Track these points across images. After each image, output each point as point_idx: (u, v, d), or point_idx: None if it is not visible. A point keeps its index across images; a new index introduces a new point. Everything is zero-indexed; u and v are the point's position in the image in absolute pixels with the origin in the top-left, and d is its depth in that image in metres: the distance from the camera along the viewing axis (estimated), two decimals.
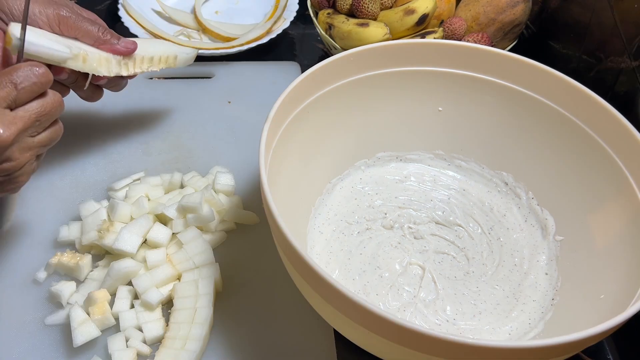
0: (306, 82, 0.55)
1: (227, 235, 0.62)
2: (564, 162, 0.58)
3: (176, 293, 0.55)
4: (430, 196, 0.65)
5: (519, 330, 0.54)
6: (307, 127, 0.58)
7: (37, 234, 0.61)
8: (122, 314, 0.54)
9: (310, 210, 0.62)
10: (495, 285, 0.58)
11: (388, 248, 0.60)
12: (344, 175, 0.65)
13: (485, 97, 0.61)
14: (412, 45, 0.59)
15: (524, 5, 0.73)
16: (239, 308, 0.57)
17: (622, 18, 0.62)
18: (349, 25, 0.72)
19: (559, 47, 0.77)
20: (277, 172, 0.53)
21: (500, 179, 0.65)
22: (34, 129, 0.49)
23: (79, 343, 0.51)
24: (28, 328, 0.54)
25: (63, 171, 0.67)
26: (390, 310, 0.55)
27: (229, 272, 0.59)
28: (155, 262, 0.57)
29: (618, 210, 0.52)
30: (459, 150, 0.66)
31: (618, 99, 0.61)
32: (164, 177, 0.66)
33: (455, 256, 0.60)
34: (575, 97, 0.55)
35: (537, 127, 0.59)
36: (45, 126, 0.51)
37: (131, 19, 0.85)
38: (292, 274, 0.48)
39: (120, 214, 0.59)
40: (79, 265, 0.56)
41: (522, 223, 0.62)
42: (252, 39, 0.84)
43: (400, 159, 0.67)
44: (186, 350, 0.51)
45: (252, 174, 0.69)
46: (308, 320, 0.56)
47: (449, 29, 0.71)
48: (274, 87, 0.79)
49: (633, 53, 0.60)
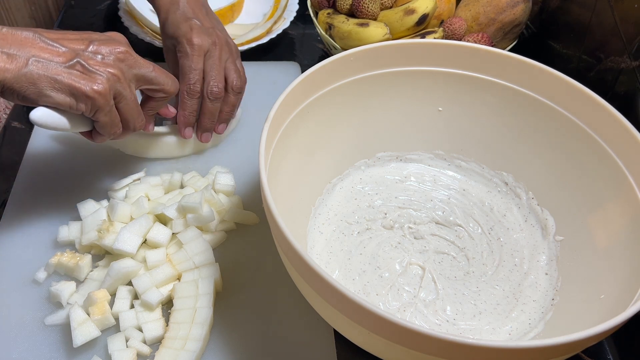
0: (306, 82, 0.55)
1: (227, 235, 0.62)
2: (564, 162, 0.58)
3: (176, 293, 0.55)
4: (430, 196, 0.65)
5: (519, 331, 0.54)
6: (307, 127, 0.58)
7: (37, 234, 0.61)
8: (122, 314, 0.54)
9: (310, 210, 0.62)
10: (495, 286, 0.58)
11: (388, 248, 0.60)
12: (344, 175, 0.65)
13: (485, 97, 0.61)
14: (412, 45, 0.59)
15: (524, 5, 0.73)
16: (239, 308, 0.57)
17: (622, 18, 0.62)
18: (349, 25, 0.72)
19: (559, 47, 0.77)
20: (277, 172, 0.53)
21: (501, 179, 0.65)
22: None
23: (79, 343, 0.51)
24: (28, 328, 0.54)
25: (63, 171, 0.67)
26: (390, 310, 0.55)
27: (229, 272, 0.59)
28: (155, 262, 0.57)
29: (618, 210, 0.52)
30: (459, 150, 0.66)
31: (618, 99, 0.61)
32: (163, 177, 0.66)
33: (455, 256, 0.60)
34: (575, 97, 0.55)
35: (537, 127, 0.59)
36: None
37: (131, 19, 0.85)
38: (292, 274, 0.48)
39: (120, 214, 0.59)
40: (78, 265, 0.56)
41: (522, 223, 0.62)
42: (252, 38, 0.84)
43: (400, 159, 0.67)
44: (186, 350, 0.51)
45: (252, 174, 0.69)
46: (308, 320, 0.56)
47: (449, 29, 0.71)
48: (274, 87, 0.79)
49: (633, 53, 0.60)
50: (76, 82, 0.49)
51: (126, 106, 0.54)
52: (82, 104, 0.50)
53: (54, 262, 0.57)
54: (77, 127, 0.54)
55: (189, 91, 0.64)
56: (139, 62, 0.55)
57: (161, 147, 0.68)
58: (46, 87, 0.48)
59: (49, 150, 0.69)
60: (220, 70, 0.65)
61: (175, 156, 0.69)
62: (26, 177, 0.66)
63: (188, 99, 0.64)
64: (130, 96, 0.54)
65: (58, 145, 0.70)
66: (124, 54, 0.53)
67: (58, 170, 0.67)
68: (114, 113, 0.53)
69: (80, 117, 0.53)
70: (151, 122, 0.63)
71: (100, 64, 0.51)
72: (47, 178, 0.66)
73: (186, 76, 0.63)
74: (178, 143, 0.68)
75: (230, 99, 0.66)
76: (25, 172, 0.67)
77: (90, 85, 0.50)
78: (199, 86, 0.64)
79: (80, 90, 0.49)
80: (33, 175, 0.66)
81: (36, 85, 0.48)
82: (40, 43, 0.49)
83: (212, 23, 0.67)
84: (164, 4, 0.66)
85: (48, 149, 0.69)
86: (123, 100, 0.53)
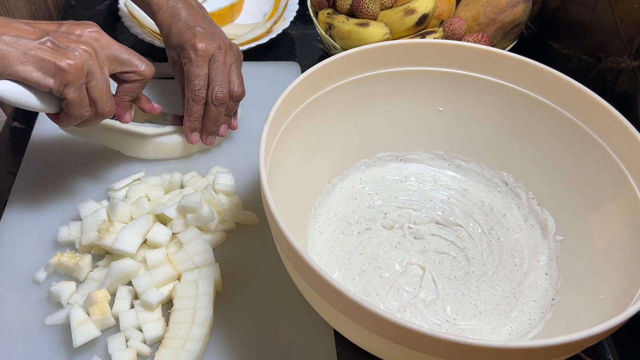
0: (306, 82, 0.55)
1: (227, 235, 0.62)
2: (564, 162, 0.58)
3: (176, 293, 0.55)
4: (430, 196, 0.65)
5: (519, 331, 0.54)
6: (307, 127, 0.58)
7: (37, 234, 0.61)
8: (122, 314, 0.54)
9: (310, 210, 0.62)
10: (495, 285, 0.58)
11: (388, 248, 0.60)
12: (344, 175, 0.65)
13: (486, 97, 0.61)
14: (412, 45, 0.59)
15: (524, 5, 0.73)
16: (239, 308, 0.57)
17: (622, 18, 0.62)
18: (349, 25, 0.72)
19: (559, 47, 0.77)
20: (277, 172, 0.53)
21: (501, 179, 0.65)
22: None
23: (79, 343, 0.51)
24: (28, 328, 0.54)
25: (63, 171, 0.67)
26: (390, 311, 0.55)
27: (229, 272, 0.59)
28: (155, 262, 0.57)
29: (618, 211, 0.52)
30: (459, 150, 0.66)
31: (618, 99, 0.61)
32: (163, 177, 0.66)
33: (455, 256, 0.60)
34: (575, 97, 0.55)
35: (537, 127, 0.59)
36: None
37: (131, 19, 0.85)
38: (292, 274, 0.48)
39: (120, 214, 0.59)
40: (78, 266, 0.56)
41: (522, 223, 0.62)
42: (252, 38, 0.84)
43: (400, 159, 0.67)
44: (186, 350, 0.51)
45: (252, 174, 0.69)
46: (308, 320, 0.56)
47: (449, 29, 0.71)
48: (274, 87, 0.79)
49: (633, 53, 0.60)
50: (47, 55, 0.49)
51: (96, 86, 0.53)
52: (51, 79, 0.50)
53: (54, 262, 0.57)
54: (43, 106, 0.53)
55: (194, 97, 0.63)
56: (112, 43, 0.55)
57: (164, 149, 0.68)
58: (14, 62, 0.48)
59: (49, 150, 0.69)
60: (225, 75, 0.64)
61: (177, 157, 0.69)
62: (26, 177, 0.66)
63: (194, 105, 0.64)
64: (102, 77, 0.53)
65: (58, 146, 0.70)
66: (97, 34, 0.53)
67: (58, 170, 0.67)
68: (83, 92, 0.52)
69: (48, 96, 0.52)
70: (127, 110, 0.61)
71: (72, 41, 0.51)
72: (47, 178, 0.66)
73: (191, 82, 0.63)
74: (181, 144, 0.68)
75: (229, 105, 0.66)
76: (26, 172, 0.67)
77: (63, 59, 0.49)
78: (204, 92, 0.63)
79: (51, 63, 0.49)
80: (33, 176, 0.66)
81: (5, 58, 0.48)
82: (12, 24, 0.49)
83: (214, 30, 0.67)
84: (165, 18, 0.66)
85: (48, 149, 0.69)
86: (93, 79, 0.53)
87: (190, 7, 0.67)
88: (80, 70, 0.51)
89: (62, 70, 0.49)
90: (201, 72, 0.63)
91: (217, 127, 0.67)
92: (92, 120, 0.56)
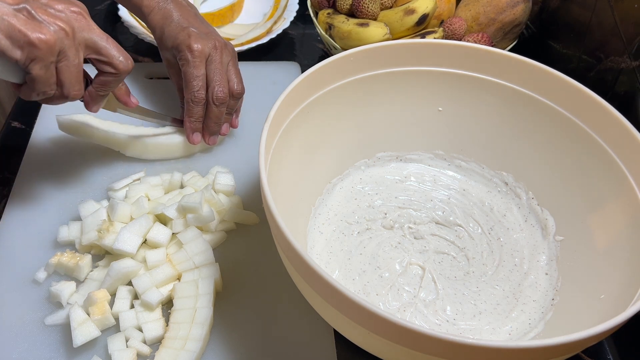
0: (306, 82, 0.55)
1: (227, 235, 0.62)
2: (564, 162, 0.58)
3: (176, 293, 0.55)
4: (430, 196, 0.65)
5: (519, 331, 0.54)
6: (307, 127, 0.58)
7: (37, 234, 0.61)
8: (122, 314, 0.54)
9: (310, 210, 0.62)
10: (495, 286, 0.58)
11: (388, 248, 0.60)
12: (344, 175, 0.65)
13: (485, 97, 0.61)
14: (412, 45, 0.59)
15: (524, 5, 0.73)
16: (239, 308, 0.57)
17: (622, 18, 0.62)
18: (349, 25, 0.72)
19: (559, 47, 0.77)
20: (277, 172, 0.53)
21: (501, 179, 0.65)
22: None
23: (79, 343, 0.51)
24: (28, 328, 0.54)
25: (63, 171, 0.67)
26: (390, 311, 0.55)
27: (229, 272, 0.59)
28: (155, 262, 0.57)
29: (618, 211, 0.52)
30: (459, 150, 0.66)
31: (618, 99, 0.61)
32: (163, 177, 0.66)
33: (455, 256, 0.60)
34: (575, 97, 0.55)
35: (537, 127, 0.59)
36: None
37: (131, 19, 0.85)
38: (292, 274, 0.48)
39: (120, 214, 0.59)
40: (78, 266, 0.56)
41: (522, 223, 0.62)
42: (252, 38, 0.84)
43: (400, 159, 0.67)
44: (186, 350, 0.51)
45: (252, 174, 0.69)
46: (308, 320, 0.56)
47: (449, 29, 0.71)
48: (274, 87, 0.79)
49: (633, 53, 0.60)
50: (19, 24, 0.46)
51: (66, 68, 0.50)
52: (18, 50, 0.47)
53: (54, 262, 0.57)
54: (5, 74, 0.50)
55: (194, 99, 0.63)
56: (93, 27, 0.52)
57: (165, 149, 0.68)
58: None
59: (49, 150, 0.69)
60: (224, 74, 0.64)
61: (178, 157, 0.69)
62: (26, 177, 0.66)
63: (194, 106, 0.64)
64: (74, 59, 0.51)
65: (58, 146, 0.70)
66: (79, 14, 0.51)
67: (58, 171, 0.67)
68: (51, 70, 0.50)
69: (14, 65, 0.49)
70: (98, 102, 0.58)
71: (50, 15, 0.48)
72: (47, 178, 0.66)
73: (190, 84, 0.63)
74: (182, 144, 0.68)
75: (229, 103, 0.66)
76: (25, 172, 0.67)
77: (35, 32, 0.46)
78: (203, 92, 0.63)
79: (21, 34, 0.46)
80: (33, 175, 0.66)
81: None
82: None
83: (208, 29, 0.66)
84: (157, 20, 0.66)
85: (48, 149, 0.69)
86: (65, 60, 0.50)
87: (181, 8, 0.67)
88: (52, 48, 0.48)
89: (31, 44, 0.46)
90: (199, 73, 0.63)
91: (220, 127, 0.67)
92: (56, 100, 0.53)
